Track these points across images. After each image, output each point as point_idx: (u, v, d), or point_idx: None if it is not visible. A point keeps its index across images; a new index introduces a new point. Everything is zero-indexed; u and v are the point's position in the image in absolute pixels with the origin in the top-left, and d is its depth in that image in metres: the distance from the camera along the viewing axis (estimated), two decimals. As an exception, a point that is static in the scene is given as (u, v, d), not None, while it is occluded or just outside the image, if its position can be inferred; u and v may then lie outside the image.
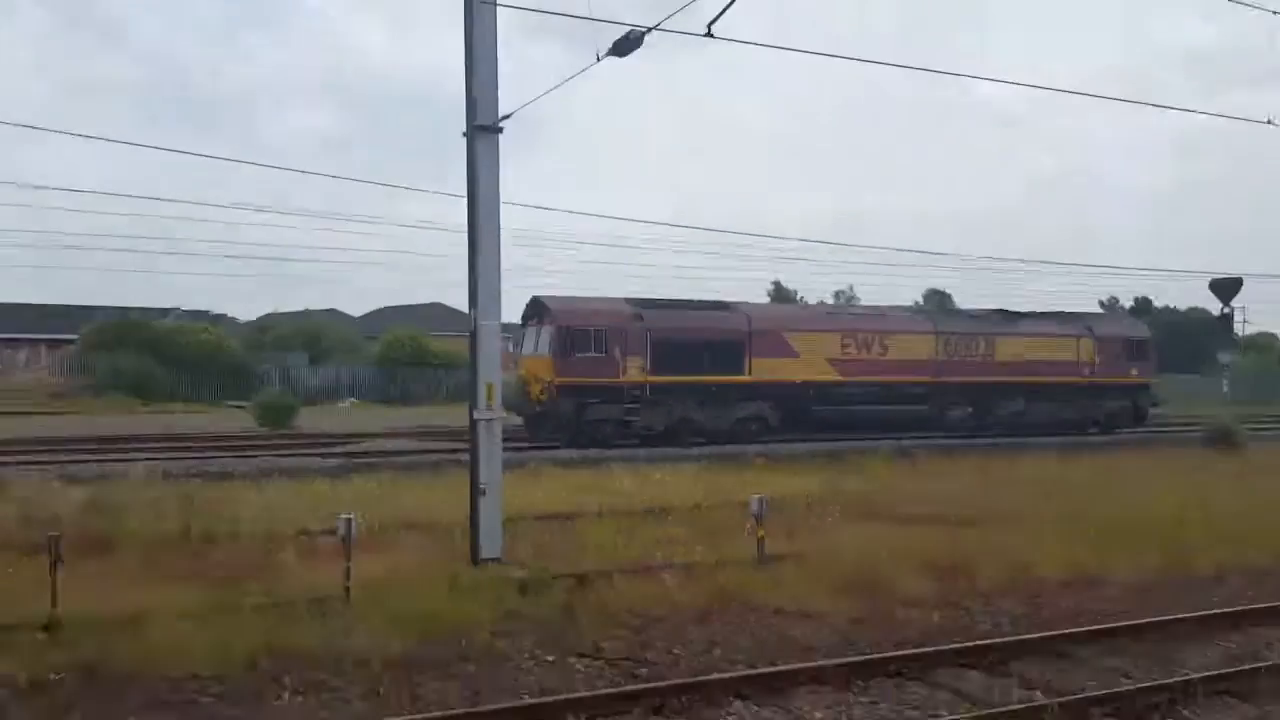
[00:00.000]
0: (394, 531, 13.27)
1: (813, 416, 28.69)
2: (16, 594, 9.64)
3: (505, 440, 13.20)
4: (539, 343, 27.50)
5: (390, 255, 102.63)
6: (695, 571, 11.11)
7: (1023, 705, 7.36)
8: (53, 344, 58.02)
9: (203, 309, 64.56)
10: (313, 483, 18.17)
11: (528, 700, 7.52)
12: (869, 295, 61.76)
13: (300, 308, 76.02)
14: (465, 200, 12.19)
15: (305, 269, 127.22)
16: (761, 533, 11.96)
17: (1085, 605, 10.71)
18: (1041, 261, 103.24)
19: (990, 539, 13.48)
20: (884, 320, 31.26)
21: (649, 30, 11.32)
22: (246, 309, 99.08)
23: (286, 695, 7.57)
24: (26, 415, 37.73)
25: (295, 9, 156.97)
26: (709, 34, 10.37)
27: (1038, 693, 7.81)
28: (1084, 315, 35.65)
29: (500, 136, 12.17)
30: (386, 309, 79.19)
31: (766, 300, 55.36)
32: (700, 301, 30.12)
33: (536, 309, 28.09)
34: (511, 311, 26.27)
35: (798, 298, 58.55)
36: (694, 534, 13.51)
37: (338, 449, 25.45)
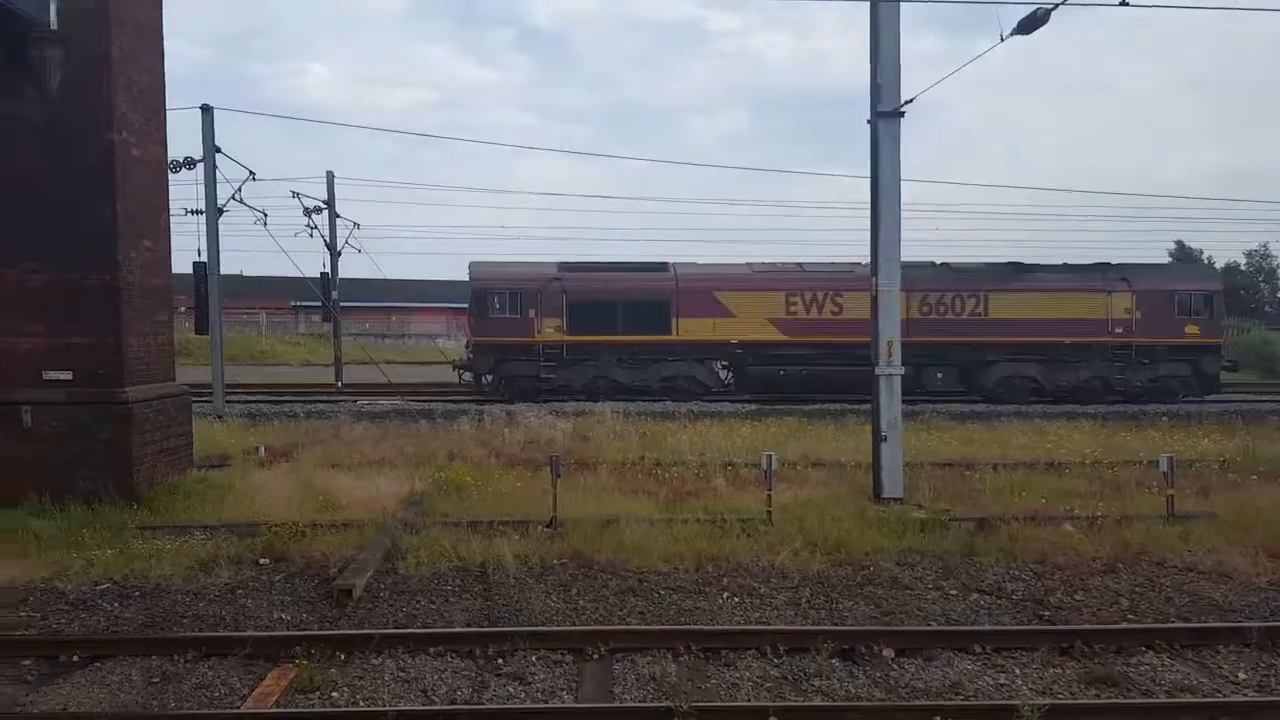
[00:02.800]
0: (803, 468, 13.36)
1: (751, 377, 25.00)
2: (530, 498, 10.96)
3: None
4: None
5: (783, 231, 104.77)
6: (1098, 524, 9.94)
7: None
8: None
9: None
10: (734, 424, 18.83)
11: (935, 627, 7.23)
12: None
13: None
14: (859, 179, 11.91)
15: (711, 249, 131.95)
16: (1171, 491, 10.46)
17: None
18: None
19: None
20: (840, 278, 25.07)
21: (1056, 6, 10.13)
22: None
23: (725, 595, 7.88)
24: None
25: (713, 32, 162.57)
26: (1124, 3, 8.91)
27: None
28: (1124, 266, 26.49)
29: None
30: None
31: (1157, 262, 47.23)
32: (630, 263, 26.16)
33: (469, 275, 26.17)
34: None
35: (1204, 258, 49.63)
36: (1094, 489, 12.15)
37: (749, 397, 26.08)
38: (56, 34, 10.66)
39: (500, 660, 6.38)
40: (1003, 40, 10.98)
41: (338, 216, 30.34)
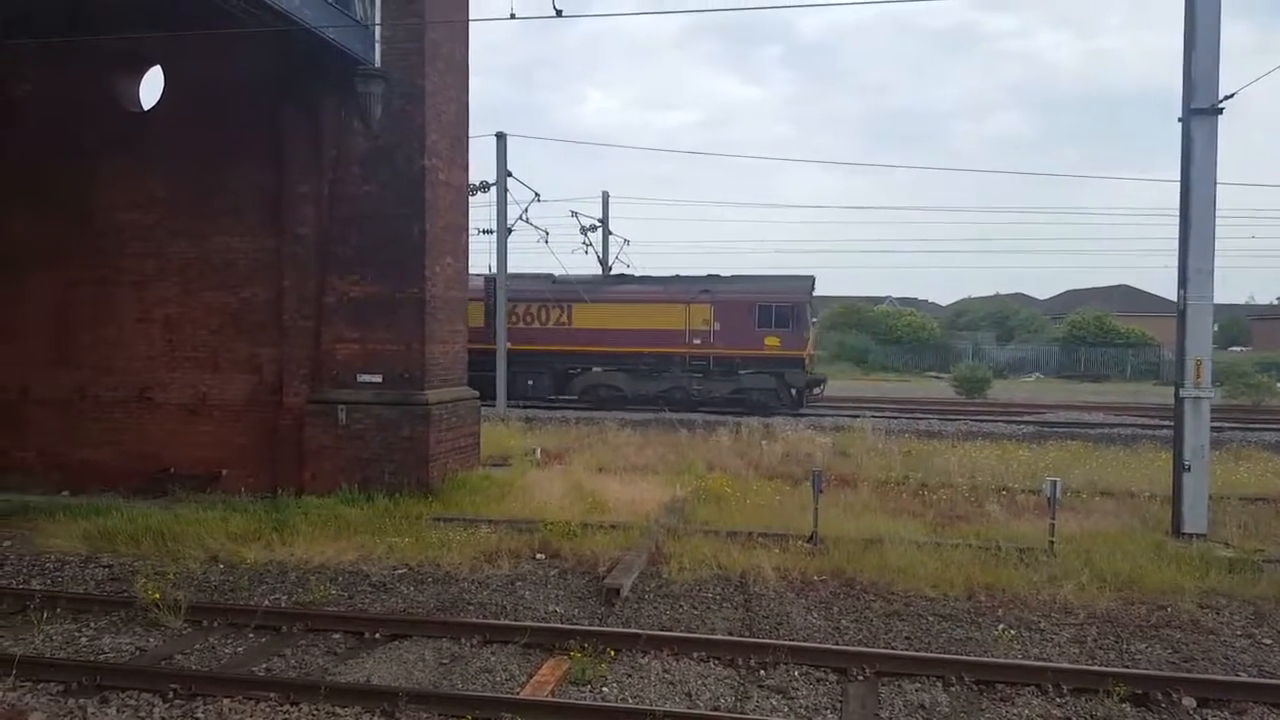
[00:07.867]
0: (1089, 497, 12.27)
1: None
2: (788, 512, 10.91)
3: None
4: None
5: (1075, 241, 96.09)
6: None
7: None
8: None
9: (910, 295, 67.28)
10: (1008, 446, 17.63)
11: (1245, 678, 6.37)
12: None
13: (991, 292, 75.09)
14: (1163, 184, 10.71)
15: (993, 258, 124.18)
16: None
17: None
18: None
19: None
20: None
21: None
22: (944, 295, 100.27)
23: (1001, 627, 7.38)
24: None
25: (990, 33, 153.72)
26: None
27: None
28: (712, 278, 25.85)
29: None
30: (1073, 291, 74.08)
31: None
32: None
33: None
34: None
35: None
36: None
37: (1028, 418, 24.41)
38: (380, 71, 11.88)
39: (762, 671, 6.39)
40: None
41: (610, 234, 31.95)
